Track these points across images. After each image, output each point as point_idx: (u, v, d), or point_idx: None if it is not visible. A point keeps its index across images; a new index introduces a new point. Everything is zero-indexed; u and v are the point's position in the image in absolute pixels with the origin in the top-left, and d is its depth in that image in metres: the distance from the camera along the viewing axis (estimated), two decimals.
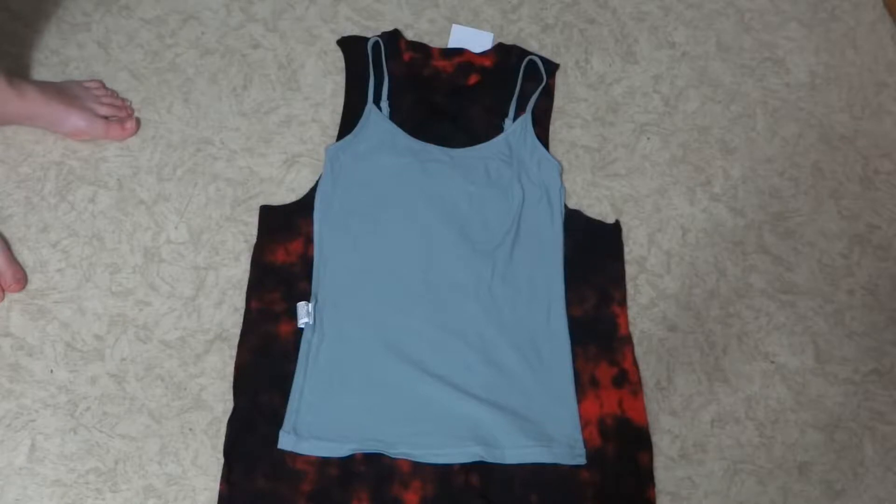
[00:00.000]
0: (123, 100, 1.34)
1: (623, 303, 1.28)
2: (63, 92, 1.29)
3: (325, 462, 1.12)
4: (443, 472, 1.13)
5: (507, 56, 1.43)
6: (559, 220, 1.31)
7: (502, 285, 1.25)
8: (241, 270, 1.24)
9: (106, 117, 1.30)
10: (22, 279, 1.19)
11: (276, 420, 1.14)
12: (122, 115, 1.31)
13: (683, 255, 1.34)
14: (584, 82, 1.46)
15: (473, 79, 1.41)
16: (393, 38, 1.41)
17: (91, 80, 1.34)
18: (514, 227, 1.29)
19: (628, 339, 1.25)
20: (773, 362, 1.28)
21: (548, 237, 1.30)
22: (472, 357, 1.20)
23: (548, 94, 1.42)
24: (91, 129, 1.29)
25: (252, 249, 1.25)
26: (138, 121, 1.32)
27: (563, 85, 1.45)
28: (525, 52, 1.44)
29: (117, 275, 1.22)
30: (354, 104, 1.36)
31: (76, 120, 1.27)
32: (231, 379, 1.17)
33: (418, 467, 1.13)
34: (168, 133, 1.33)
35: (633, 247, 1.34)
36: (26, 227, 1.24)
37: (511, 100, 1.39)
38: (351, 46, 1.41)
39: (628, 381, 1.22)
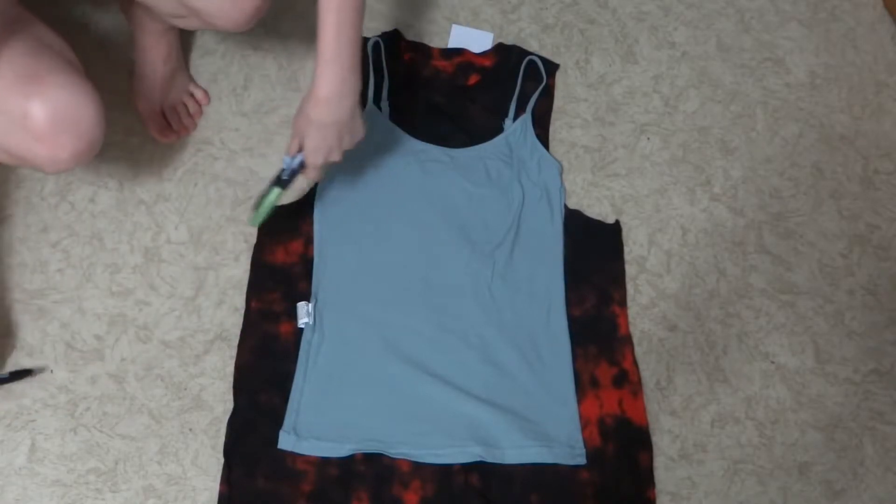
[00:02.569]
0: (192, 119, 1.33)
1: (623, 303, 1.28)
2: (167, 72, 1.28)
3: (325, 462, 1.12)
4: (443, 472, 1.13)
5: (507, 56, 1.43)
6: (559, 220, 1.31)
7: (502, 285, 1.25)
8: (241, 270, 1.24)
9: (164, 113, 1.31)
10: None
11: (276, 420, 1.14)
12: (176, 127, 1.31)
13: (683, 255, 1.34)
14: (584, 82, 1.46)
15: (473, 79, 1.41)
16: (393, 38, 1.41)
17: (200, 88, 1.35)
18: (514, 227, 1.29)
19: (628, 339, 1.25)
20: (773, 362, 1.28)
21: (548, 237, 1.30)
22: (472, 357, 1.20)
23: (548, 94, 1.42)
24: (147, 118, 1.30)
25: (252, 249, 1.25)
26: (178, 137, 1.32)
27: (563, 85, 1.45)
28: (525, 52, 1.43)
29: (117, 275, 1.22)
30: None
31: (144, 102, 1.29)
32: (231, 379, 1.17)
33: (418, 467, 1.13)
34: None
35: (633, 247, 1.34)
36: (26, 227, 1.24)
37: (511, 100, 1.39)
38: None
39: (628, 381, 1.22)
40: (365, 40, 1.41)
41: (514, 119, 1.37)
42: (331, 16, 1.00)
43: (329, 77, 1.04)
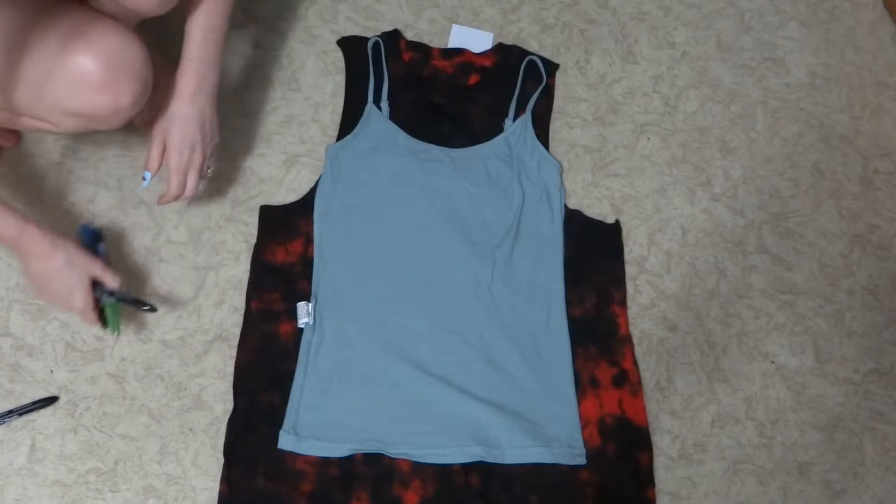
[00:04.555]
0: None
1: (623, 303, 1.28)
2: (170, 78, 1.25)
3: (325, 462, 1.12)
4: (443, 472, 1.13)
5: (507, 56, 1.43)
6: (559, 220, 1.31)
7: (502, 285, 1.25)
8: (241, 270, 1.24)
9: None
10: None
11: (276, 420, 1.14)
12: None
13: (683, 255, 1.34)
14: (584, 82, 1.46)
15: (473, 79, 1.41)
16: (393, 38, 1.41)
17: None
18: (514, 227, 1.29)
19: (628, 339, 1.25)
20: (773, 362, 1.28)
21: (548, 237, 1.30)
22: (472, 357, 1.20)
23: (548, 94, 1.42)
24: (142, 124, 1.28)
25: (252, 249, 1.25)
26: None
27: (563, 85, 1.45)
28: (525, 52, 1.44)
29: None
30: (354, 104, 1.36)
31: (140, 118, 1.25)
32: (231, 379, 1.17)
33: (418, 467, 1.13)
34: None
35: (633, 247, 1.34)
36: None
37: (511, 100, 1.39)
38: (351, 46, 1.41)
39: (628, 381, 1.22)
40: (365, 40, 1.41)
41: (514, 119, 1.37)
42: (200, 20, 1.09)
43: (191, 74, 1.10)
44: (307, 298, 1.21)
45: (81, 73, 0.95)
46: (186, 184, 1.15)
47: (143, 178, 1.14)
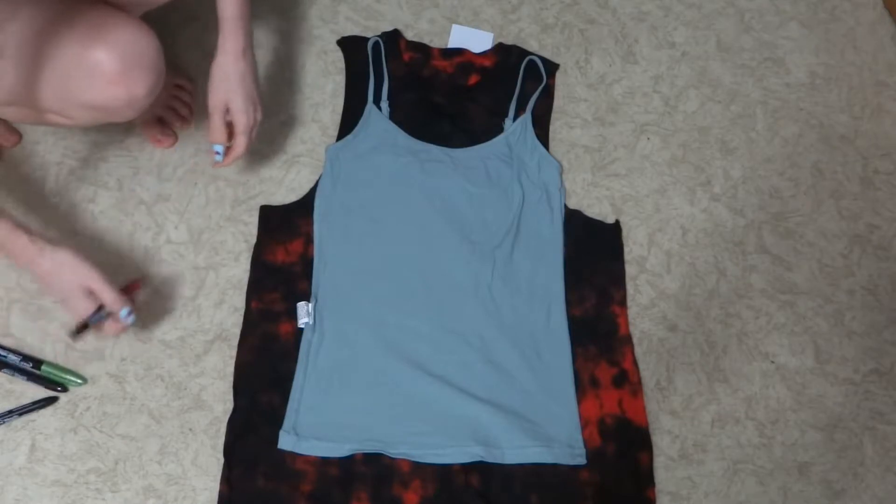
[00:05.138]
0: (190, 111, 1.33)
1: (623, 303, 1.28)
2: None
3: (325, 462, 1.12)
4: (443, 472, 1.13)
5: (507, 56, 1.43)
6: (559, 220, 1.31)
7: (502, 285, 1.25)
8: (241, 270, 1.24)
9: (161, 117, 1.30)
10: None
11: (276, 420, 1.14)
12: (174, 126, 1.31)
13: (683, 255, 1.34)
14: (584, 82, 1.46)
15: (473, 79, 1.41)
16: (393, 38, 1.41)
17: (182, 76, 1.34)
18: (514, 227, 1.29)
19: (628, 339, 1.25)
20: (773, 362, 1.28)
21: (548, 237, 1.30)
22: (472, 357, 1.20)
23: (548, 94, 1.42)
24: (144, 129, 1.30)
25: (252, 249, 1.25)
26: (177, 139, 1.31)
27: (563, 85, 1.45)
28: (525, 52, 1.44)
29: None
30: (354, 104, 1.36)
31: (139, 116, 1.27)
32: (231, 379, 1.17)
33: (418, 467, 1.13)
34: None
35: (633, 247, 1.34)
36: None
37: (511, 100, 1.39)
38: (351, 46, 1.41)
39: (628, 381, 1.22)
40: (365, 40, 1.41)
41: (514, 119, 1.37)
42: None
43: (237, 32, 1.12)
44: (307, 298, 1.21)
45: (96, 67, 0.96)
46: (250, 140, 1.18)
47: (217, 153, 1.17)
